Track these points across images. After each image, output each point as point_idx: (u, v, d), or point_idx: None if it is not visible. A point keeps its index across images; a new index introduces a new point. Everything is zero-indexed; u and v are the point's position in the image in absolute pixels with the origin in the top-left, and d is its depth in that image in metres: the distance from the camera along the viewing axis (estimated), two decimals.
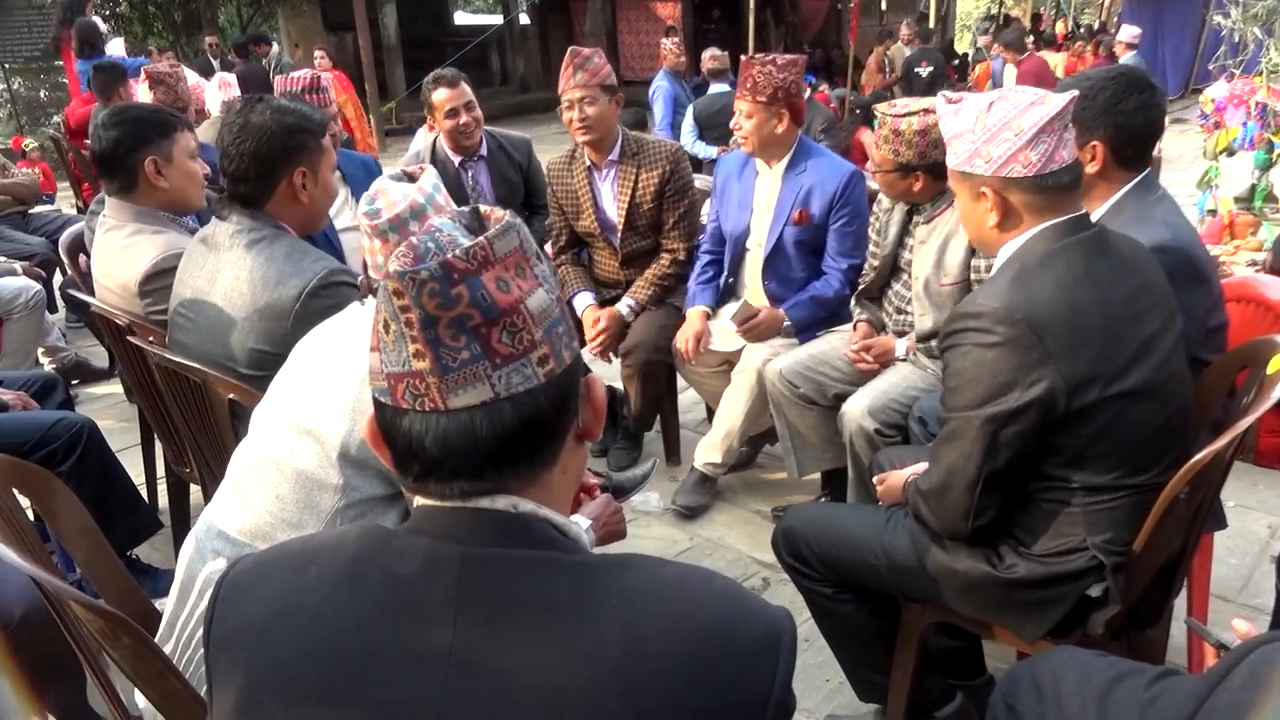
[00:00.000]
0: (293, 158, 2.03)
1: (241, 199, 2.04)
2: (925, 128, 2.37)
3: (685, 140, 6.87)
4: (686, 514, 3.10)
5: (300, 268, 1.98)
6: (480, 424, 0.78)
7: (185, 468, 2.58)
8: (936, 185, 2.48)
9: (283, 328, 1.96)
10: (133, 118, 2.51)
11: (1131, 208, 1.95)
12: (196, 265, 2.12)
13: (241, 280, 2.00)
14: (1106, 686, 1.26)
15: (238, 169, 2.01)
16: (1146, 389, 1.57)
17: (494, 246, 0.79)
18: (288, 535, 1.45)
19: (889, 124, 2.42)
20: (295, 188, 2.05)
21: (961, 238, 2.49)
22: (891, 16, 17.19)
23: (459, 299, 0.77)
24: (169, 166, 2.47)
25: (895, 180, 2.50)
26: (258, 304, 1.99)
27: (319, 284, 1.96)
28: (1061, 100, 1.57)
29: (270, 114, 2.03)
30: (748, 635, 0.79)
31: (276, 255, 2.00)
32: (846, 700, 2.19)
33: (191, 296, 2.12)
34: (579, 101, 3.05)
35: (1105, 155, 1.94)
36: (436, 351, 0.77)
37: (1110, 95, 1.92)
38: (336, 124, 3.13)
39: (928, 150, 2.39)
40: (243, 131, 2.01)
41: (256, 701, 0.81)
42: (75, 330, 4.99)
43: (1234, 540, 2.75)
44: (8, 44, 11.51)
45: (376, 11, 14.78)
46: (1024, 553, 1.67)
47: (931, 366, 2.58)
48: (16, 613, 1.82)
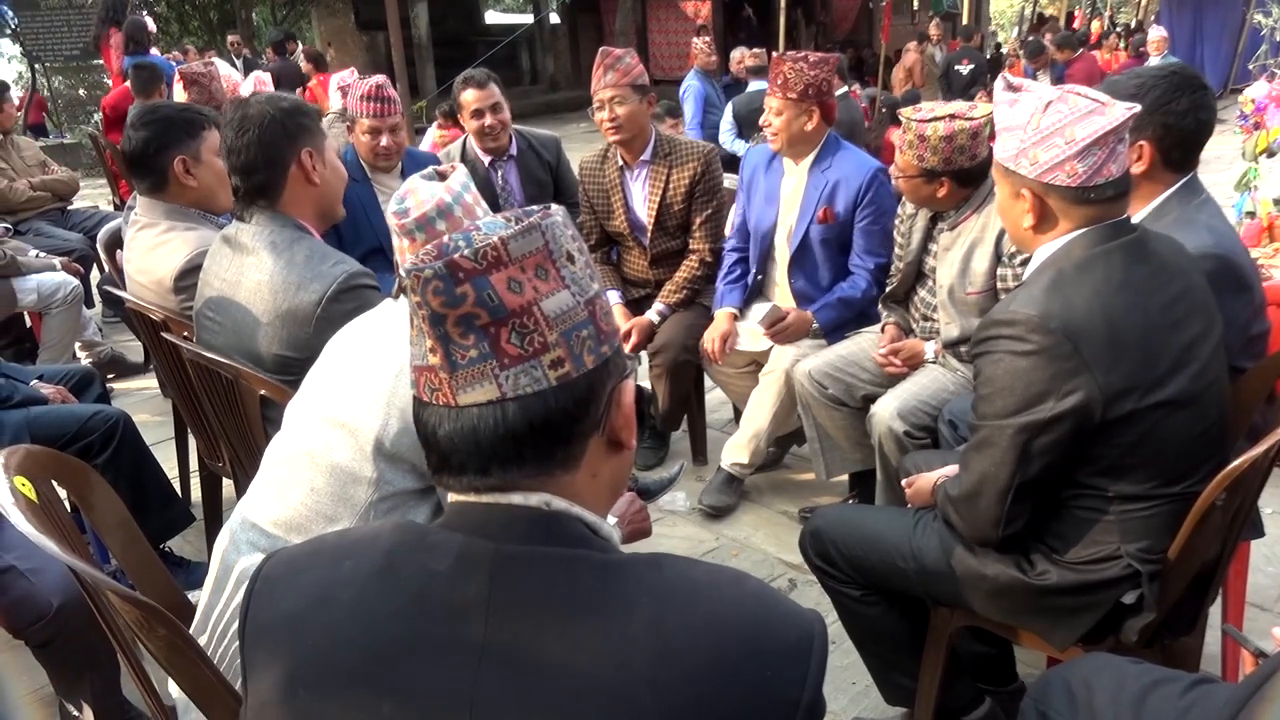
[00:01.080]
0: (296, 139, 2.04)
1: (257, 191, 2.05)
2: (951, 134, 2.34)
3: (724, 138, 6.91)
4: (713, 514, 3.09)
5: (320, 272, 1.99)
6: (484, 423, 0.79)
7: (218, 461, 2.61)
8: (961, 191, 2.46)
9: (305, 333, 1.98)
10: (161, 118, 2.54)
11: (1175, 211, 1.89)
12: (221, 266, 2.14)
13: (263, 285, 2.02)
14: (1141, 694, 1.24)
15: (246, 160, 2.02)
16: (1185, 398, 1.53)
17: (509, 247, 0.78)
18: (322, 528, 1.47)
19: (914, 129, 2.40)
20: (306, 170, 2.06)
21: (987, 245, 2.46)
22: (923, 16, 17.06)
23: (464, 298, 0.77)
24: (198, 165, 2.51)
25: (920, 185, 2.48)
26: (279, 309, 2.00)
27: (339, 289, 1.96)
28: (1122, 113, 1.50)
29: (265, 103, 2.05)
30: (779, 637, 0.79)
31: (297, 259, 2.01)
32: (873, 703, 2.17)
33: (216, 296, 2.14)
34: (609, 101, 3.06)
35: (1152, 156, 1.89)
36: (446, 348, 0.79)
37: (1161, 94, 1.86)
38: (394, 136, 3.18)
39: (953, 156, 2.37)
40: (243, 123, 2.02)
41: (293, 693, 0.81)
42: (112, 325, 5.07)
43: (1271, 548, 2.70)
44: (47, 43, 11.73)
45: (408, 11, 14.89)
46: (1056, 559, 1.65)
47: (961, 369, 2.56)
48: (54, 603, 1.85)
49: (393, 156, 3.21)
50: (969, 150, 2.37)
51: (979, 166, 2.41)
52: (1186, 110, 1.86)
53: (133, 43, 7.22)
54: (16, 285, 3.98)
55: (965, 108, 2.42)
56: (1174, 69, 1.93)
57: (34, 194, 4.97)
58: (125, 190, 5.93)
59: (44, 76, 12.10)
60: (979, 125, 2.35)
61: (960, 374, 2.55)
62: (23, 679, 2.31)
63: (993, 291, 2.47)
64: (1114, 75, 4.92)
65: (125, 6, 8.10)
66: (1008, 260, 2.42)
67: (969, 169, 2.41)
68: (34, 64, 12.15)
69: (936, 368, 2.60)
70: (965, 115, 2.36)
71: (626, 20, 16.58)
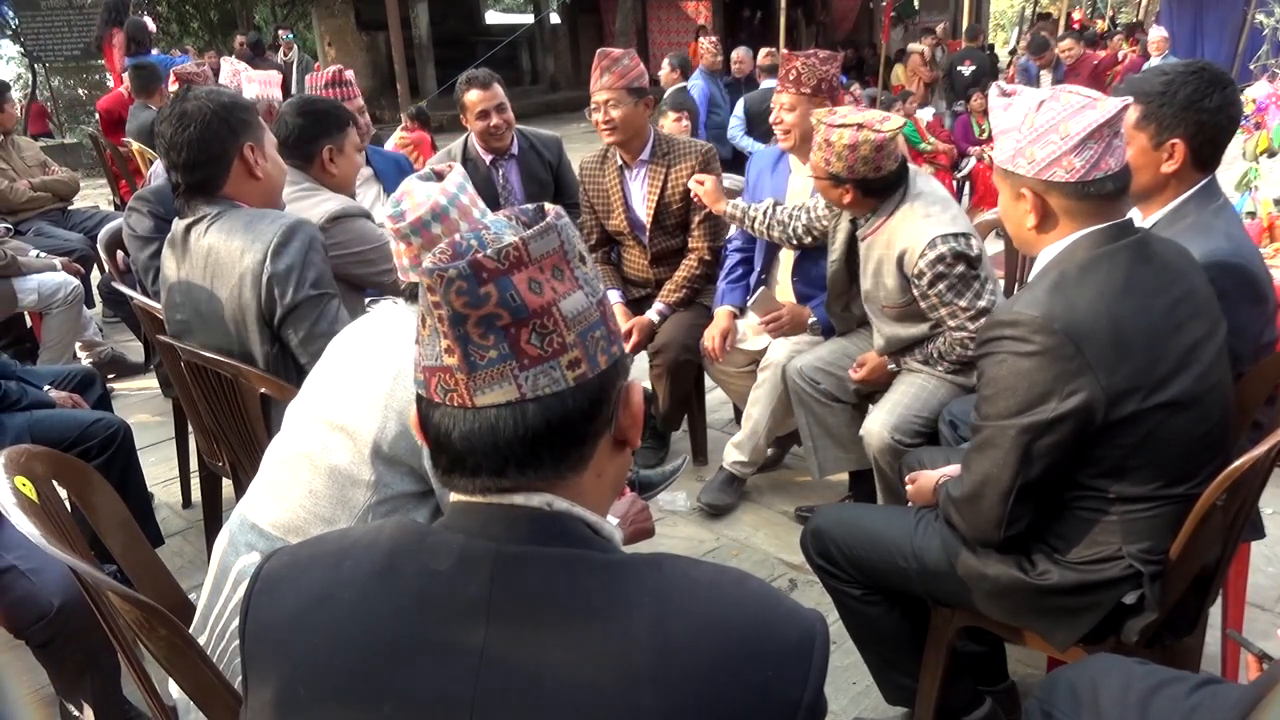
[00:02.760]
0: (238, 134, 2.05)
1: (199, 186, 2.05)
2: (855, 143, 2.33)
3: (733, 134, 7.06)
4: (712, 513, 3.09)
5: (258, 231, 2.00)
6: (504, 423, 0.79)
7: (218, 461, 2.61)
8: (867, 201, 2.46)
9: (256, 295, 2.00)
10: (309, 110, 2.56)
11: (1192, 215, 1.87)
12: (171, 271, 2.15)
13: (214, 263, 2.03)
14: (1146, 695, 1.24)
15: (188, 157, 2.01)
16: (1188, 399, 1.53)
17: (529, 247, 0.79)
18: (320, 530, 1.47)
19: (822, 131, 2.39)
20: (249, 164, 2.07)
21: (890, 263, 2.46)
22: (924, 15, 17.06)
23: (487, 298, 0.77)
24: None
25: (828, 187, 2.48)
26: (231, 280, 2.01)
27: (278, 243, 1.98)
28: (1114, 106, 1.51)
29: (205, 97, 2.05)
30: (781, 637, 0.79)
31: (236, 228, 2.02)
32: (874, 703, 2.17)
33: (178, 298, 2.15)
34: (605, 104, 3.07)
35: (1185, 154, 1.84)
36: (465, 348, 0.78)
37: (1193, 91, 1.83)
38: (364, 116, 3.17)
39: (856, 166, 2.36)
40: (182, 119, 2.01)
41: (293, 693, 0.81)
42: (111, 325, 5.07)
43: (1271, 549, 2.70)
44: (47, 43, 11.73)
45: (408, 11, 14.89)
46: (1058, 559, 1.65)
47: (925, 371, 2.56)
48: (55, 602, 1.85)
49: (365, 137, 3.21)
50: (873, 162, 2.35)
51: (883, 179, 2.40)
52: (1219, 107, 1.84)
53: (134, 43, 7.24)
54: (17, 285, 3.98)
55: (878, 119, 2.39)
56: (1201, 65, 1.89)
57: (34, 194, 4.97)
58: (125, 190, 5.93)
59: (44, 77, 12.09)
60: (884, 139, 2.33)
61: (939, 378, 2.54)
62: (23, 679, 2.32)
63: (909, 305, 2.48)
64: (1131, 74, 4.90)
65: (127, 7, 8.11)
66: (916, 281, 2.41)
67: (872, 180, 2.39)
68: (34, 64, 12.14)
69: (918, 375, 2.59)
70: (874, 126, 2.34)
71: (627, 20, 16.58)
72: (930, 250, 2.34)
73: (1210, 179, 1.92)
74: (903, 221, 2.42)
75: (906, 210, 2.43)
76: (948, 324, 2.44)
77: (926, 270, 2.35)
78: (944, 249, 2.33)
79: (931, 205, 2.42)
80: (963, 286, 2.37)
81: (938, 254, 2.33)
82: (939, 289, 2.38)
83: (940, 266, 2.34)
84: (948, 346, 2.47)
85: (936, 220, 2.38)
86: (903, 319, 2.56)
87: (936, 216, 2.39)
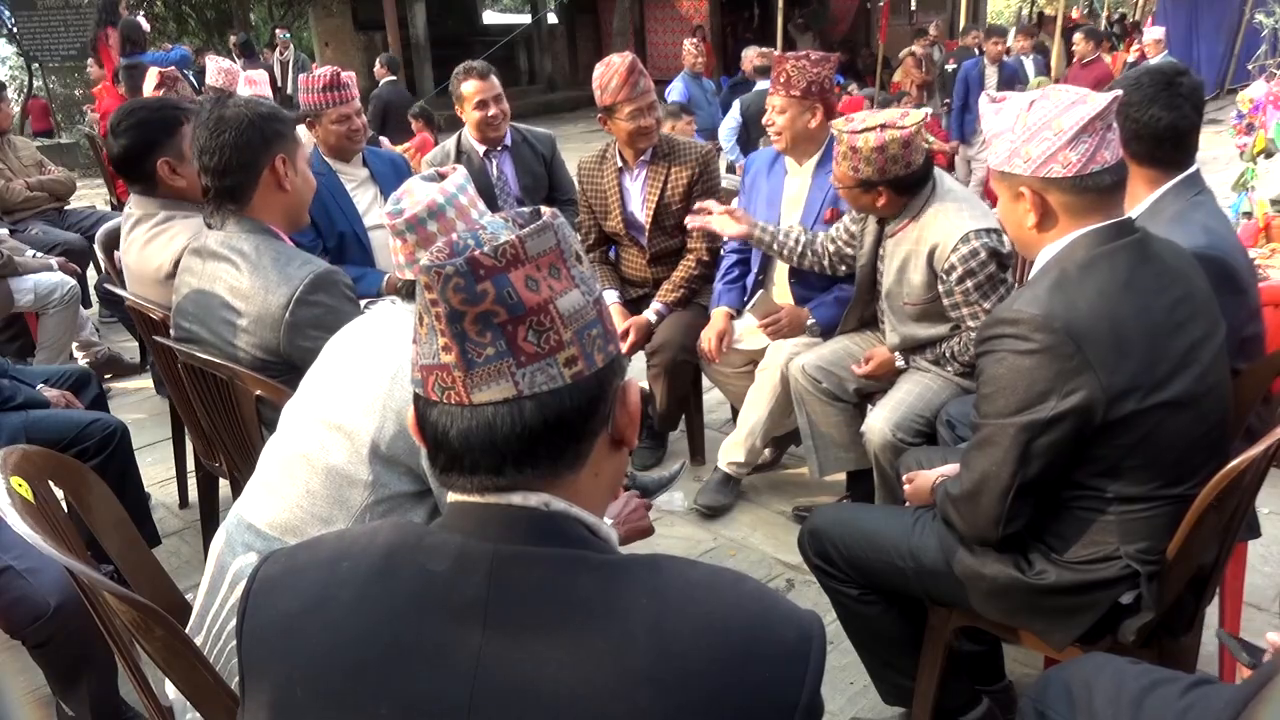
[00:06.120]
0: (271, 144, 2.05)
1: (228, 193, 2.05)
2: (883, 144, 2.34)
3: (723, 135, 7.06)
4: (708, 513, 3.10)
5: (287, 274, 1.99)
6: (501, 420, 0.79)
7: (215, 461, 2.60)
8: (900, 199, 2.46)
9: (275, 337, 1.99)
10: (137, 121, 2.53)
11: (1170, 208, 1.89)
12: (193, 276, 2.14)
13: (235, 291, 2.03)
14: (1140, 694, 1.24)
15: (220, 162, 2.02)
16: (1187, 399, 1.54)
17: (526, 245, 0.79)
18: (317, 530, 1.47)
19: (845, 140, 2.39)
20: (279, 176, 2.07)
21: (920, 258, 2.46)
22: (922, 16, 17.07)
23: (484, 295, 0.77)
24: (182, 164, 2.51)
25: (858, 195, 2.47)
26: (250, 314, 2.01)
27: (306, 290, 1.97)
28: (1103, 100, 1.53)
29: (243, 106, 2.06)
30: (778, 638, 0.79)
31: (264, 263, 2.01)
32: (871, 703, 2.17)
33: (191, 308, 2.15)
34: (648, 108, 3.10)
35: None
36: (462, 346, 0.78)
37: (1125, 99, 1.86)
38: (360, 118, 3.16)
39: (887, 166, 2.36)
40: (219, 125, 2.02)
41: (291, 694, 0.81)
42: (108, 325, 5.06)
43: (1268, 548, 2.70)
44: (44, 43, 11.71)
45: (406, 11, 14.88)
46: (1055, 559, 1.65)
47: (934, 371, 2.56)
48: (52, 603, 1.85)
49: (361, 138, 3.20)
50: (902, 159, 2.36)
51: (914, 174, 2.41)
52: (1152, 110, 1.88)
53: (129, 43, 7.22)
54: (13, 285, 3.97)
55: (897, 116, 2.41)
56: (1146, 69, 1.94)
57: (31, 194, 4.96)
58: (122, 190, 5.92)
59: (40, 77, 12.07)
60: (910, 134, 2.34)
61: (944, 378, 2.54)
62: (20, 679, 2.31)
63: (932, 303, 2.48)
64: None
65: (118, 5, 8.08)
66: (945, 276, 2.41)
67: (904, 177, 2.40)
68: (31, 64, 12.12)
69: (921, 374, 2.59)
70: (896, 124, 2.36)
71: (624, 20, 16.57)
72: (964, 245, 2.35)
73: (1192, 173, 1.94)
74: (935, 217, 2.43)
75: (938, 207, 2.44)
76: (968, 324, 2.45)
77: (958, 265, 2.36)
78: (978, 244, 2.34)
79: (962, 202, 2.45)
80: (990, 289, 2.38)
81: (971, 248, 2.35)
82: (966, 286, 2.38)
83: (972, 262, 2.35)
84: (963, 348, 2.48)
85: (970, 215, 2.39)
86: (921, 318, 2.56)
87: (969, 212, 2.41)
